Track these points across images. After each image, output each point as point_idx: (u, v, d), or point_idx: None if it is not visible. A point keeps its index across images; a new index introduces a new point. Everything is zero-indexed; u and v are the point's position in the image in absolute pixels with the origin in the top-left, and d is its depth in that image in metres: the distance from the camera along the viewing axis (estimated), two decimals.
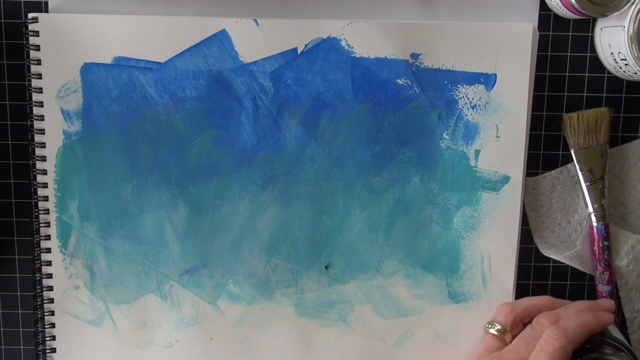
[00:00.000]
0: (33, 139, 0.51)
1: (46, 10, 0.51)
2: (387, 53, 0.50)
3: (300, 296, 0.54)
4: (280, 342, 0.54)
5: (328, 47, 0.50)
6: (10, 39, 0.52)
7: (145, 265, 0.53)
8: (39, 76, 0.50)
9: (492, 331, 0.50)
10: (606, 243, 0.52)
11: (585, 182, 0.52)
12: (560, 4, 0.49)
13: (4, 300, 0.55)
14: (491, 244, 0.53)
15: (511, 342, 0.48)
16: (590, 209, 0.52)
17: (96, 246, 0.53)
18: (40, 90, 0.51)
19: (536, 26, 0.51)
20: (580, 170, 0.51)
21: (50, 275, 0.53)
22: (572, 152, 0.52)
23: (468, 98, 0.51)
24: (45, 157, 0.51)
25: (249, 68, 0.51)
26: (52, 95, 0.51)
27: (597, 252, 0.52)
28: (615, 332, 0.49)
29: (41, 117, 0.51)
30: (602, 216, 0.52)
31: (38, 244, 0.52)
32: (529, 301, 0.51)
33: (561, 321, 0.46)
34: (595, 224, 0.52)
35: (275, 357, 0.54)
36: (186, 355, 0.54)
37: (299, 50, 0.51)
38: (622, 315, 0.54)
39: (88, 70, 0.51)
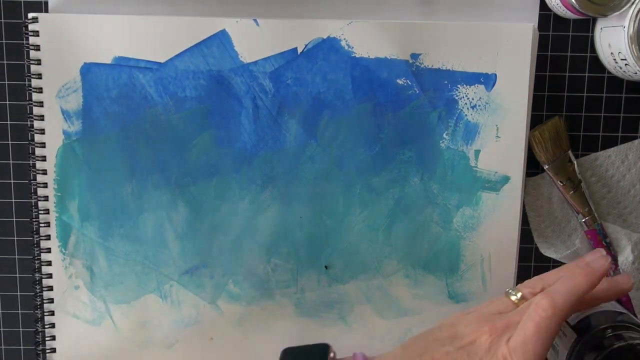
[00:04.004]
0: (33, 139, 0.51)
1: (46, 10, 0.51)
2: (387, 53, 0.50)
3: (300, 296, 0.54)
4: (280, 341, 0.54)
5: (328, 47, 0.50)
6: (10, 39, 0.52)
7: (145, 265, 0.53)
8: (39, 76, 0.50)
9: (512, 297, 0.46)
10: (607, 240, 0.52)
11: (568, 192, 0.52)
12: (560, 4, 0.49)
13: (4, 300, 0.55)
14: (491, 244, 0.53)
15: None
16: (582, 216, 0.52)
17: (96, 246, 0.53)
18: (40, 90, 0.51)
19: (536, 26, 0.51)
20: (560, 182, 0.52)
21: (50, 275, 0.53)
22: (547, 169, 0.52)
23: (468, 98, 0.51)
24: (45, 157, 0.51)
25: (249, 68, 0.51)
26: (52, 95, 0.51)
27: None
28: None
29: (41, 117, 0.51)
30: (594, 217, 0.52)
31: (38, 244, 0.52)
32: (565, 286, 0.44)
33: (551, 288, 0.43)
34: (592, 227, 0.52)
35: (275, 356, 0.54)
36: (186, 355, 0.54)
37: (299, 50, 0.50)
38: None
39: (88, 70, 0.51)
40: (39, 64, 0.50)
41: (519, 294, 0.46)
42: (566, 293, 0.43)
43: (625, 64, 0.49)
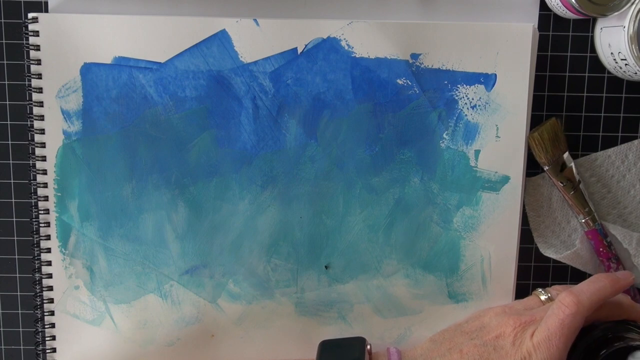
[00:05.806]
0: (33, 139, 0.51)
1: (46, 10, 0.51)
2: (387, 53, 0.50)
3: (300, 295, 0.54)
4: (281, 339, 0.54)
5: (328, 47, 0.50)
6: (10, 39, 0.52)
7: (145, 265, 0.53)
8: (39, 76, 0.50)
9: (542, 297, 0.49)
10: (608, 239, 0.52)
11: (568, 192, 0.52)
12: (560, 4, 0.49)
13: (4, 300, 0.55)
14: (491, 244, 0.53)
15: None
16: (582, 216, 0.52)
17: (96, 246, 0.53)
18: (40, 90, 0.51)
19: (536, 26, 0.51)
20: (560, 183, 0.52)
21: (50, 275, 0.53)
22: (547, 170, 0.52)
23: (468, 98, 0.51)
24: (45, 157, 0.51)
25: (249, 68, 0.51)
26: (52, 95, 0.51)
27: (603, 251, 0.52)
28: None
29: (41, 117, 0.51)
30: (594, 217, 0.52)
31: (38, 244, 0.52)
32: (590, 286, 0.46)
33: (576, 287, 0.45)
34: (593, 227, 0.52)
35: (276, 353, 0.55)
36: (187, 352, 0.54)
37: (299, 51, 0.50)
38: None
39: (88, 70, 0.51)
40: (39, 64, 0.50)
41: (548, 295, 0.47)
42: (590, 293, 0.44)
43: (625, 64, 0.49)
